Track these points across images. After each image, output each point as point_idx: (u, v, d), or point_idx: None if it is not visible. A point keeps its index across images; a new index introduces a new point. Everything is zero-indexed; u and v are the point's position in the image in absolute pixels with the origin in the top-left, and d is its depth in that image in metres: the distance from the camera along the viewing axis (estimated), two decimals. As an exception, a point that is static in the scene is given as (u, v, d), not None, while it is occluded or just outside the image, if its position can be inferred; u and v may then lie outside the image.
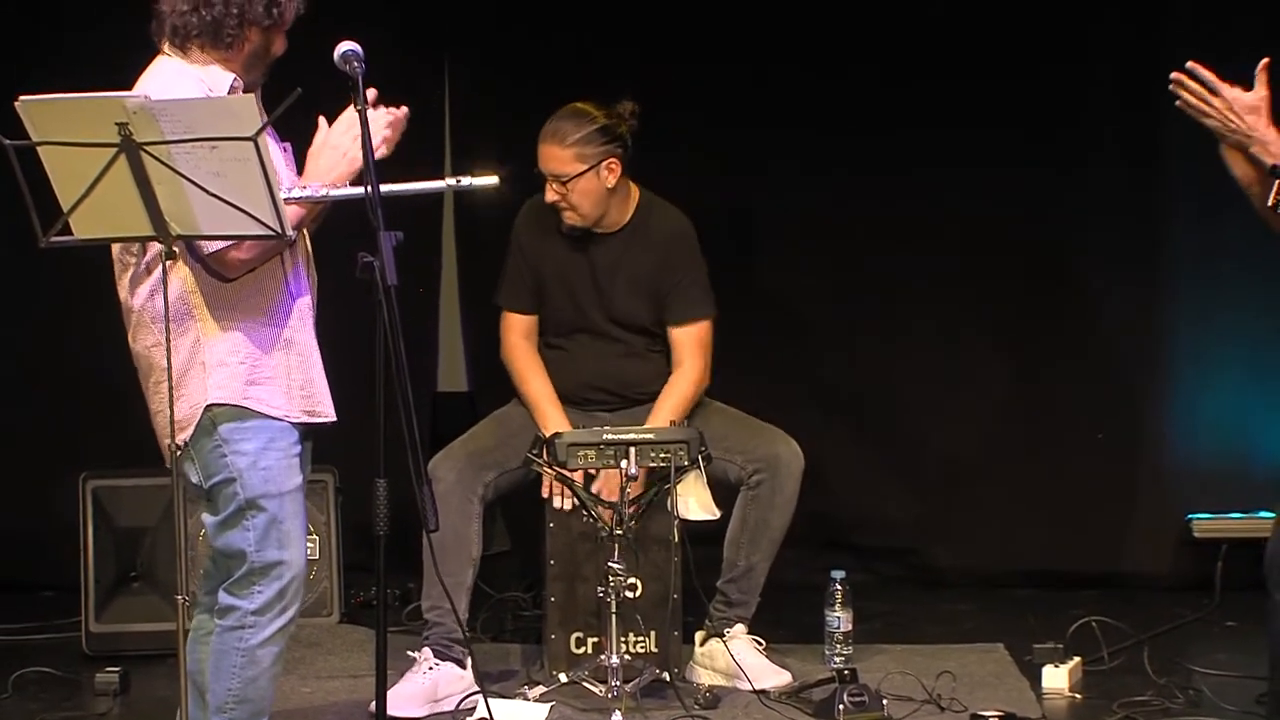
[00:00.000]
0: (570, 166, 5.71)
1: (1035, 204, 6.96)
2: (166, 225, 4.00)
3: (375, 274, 4.07)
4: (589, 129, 5.71)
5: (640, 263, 5.87)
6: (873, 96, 6.91)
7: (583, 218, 5.79)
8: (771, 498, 5.77)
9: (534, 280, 5.91)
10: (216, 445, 4.28)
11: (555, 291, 5.90)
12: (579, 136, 5.70)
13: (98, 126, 3.88)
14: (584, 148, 5.70)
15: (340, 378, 4.48)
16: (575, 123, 5.72)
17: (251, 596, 4.31)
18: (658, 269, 5.87)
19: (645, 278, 5.87)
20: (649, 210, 5.89)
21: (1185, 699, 5.51)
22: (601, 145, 5.72)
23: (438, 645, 5.61)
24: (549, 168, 5.74)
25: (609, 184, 5.75)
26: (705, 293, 5.91)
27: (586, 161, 5.71)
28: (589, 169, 5.71)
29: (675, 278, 5.87)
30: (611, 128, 5.75)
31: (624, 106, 5.79)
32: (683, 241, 5.90)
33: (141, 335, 4.34)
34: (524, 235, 5.93)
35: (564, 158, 5.71)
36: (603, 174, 5.73)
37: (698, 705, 5.47)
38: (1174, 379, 7.01)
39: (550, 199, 5.76)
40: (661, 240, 5.88)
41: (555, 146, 5.72)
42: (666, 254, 5.87)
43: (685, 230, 5.92)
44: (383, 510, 4.22)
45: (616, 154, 5.74)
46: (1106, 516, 6.98)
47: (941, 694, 5.49)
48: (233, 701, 4.35)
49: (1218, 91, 4.63)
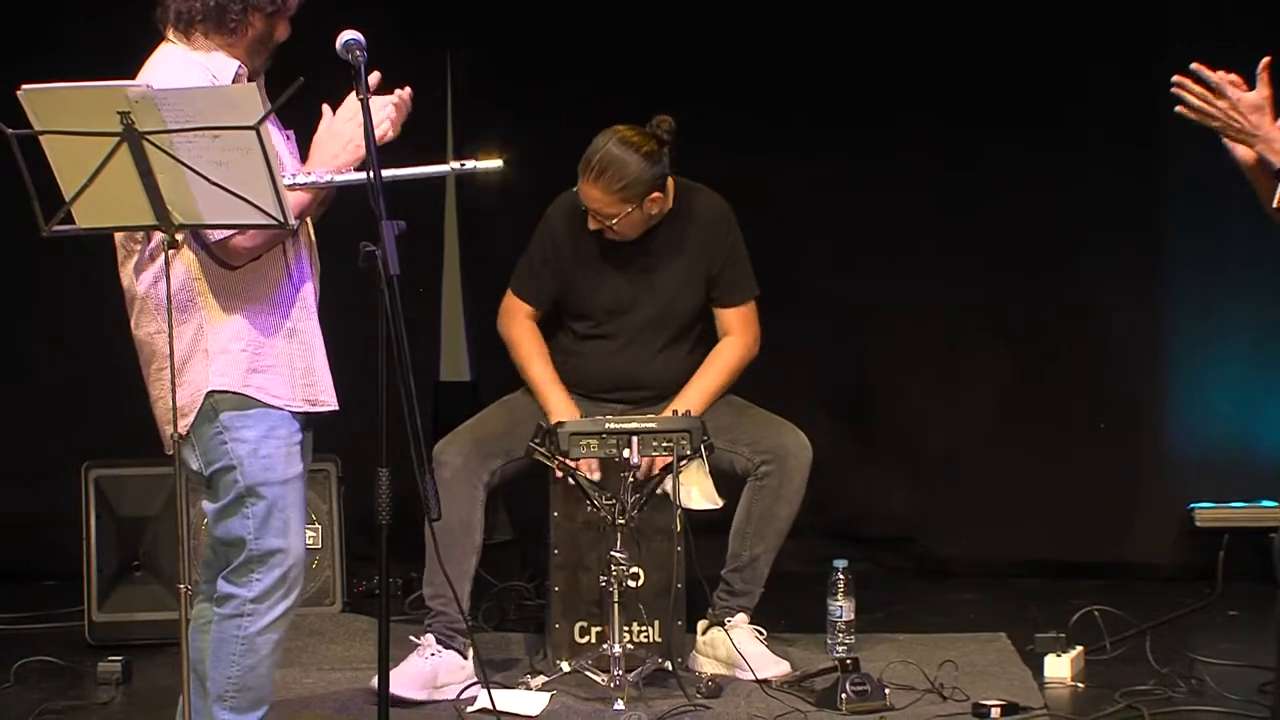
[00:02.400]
0: (615, 209, 5.64)
1: (1037, 196, 6.97)
2: (169, 214, 3.99)
3: (377, 263, 4.07)
4: (633, 174, 5.58)
5: (689, 249, 5.84)
6: (875, 88, 6.91)
7: (628, 237, 5.76)
8: (778, 489, 5.76)
9: (556, 277, 5.85)
10: (217, 432, 4.28)
11: (591, 287, 5.84)
12: (625, 183, 5.59)
13: (100, 116, 3.88)
14: (630, 190, 5.61)
15: (342, 366, 4.48)
16: (620, 166, 5.58)
17: (250, 584, 4.31)
18: (705, 251, 5.85)
19: (694, 265, 5.85)
20: (689, 196, 5.85)
21: (1187, 688, 5.50)
22: (648, 185, 5.62)
23: (441, 634, 5.61)
24: (592, 206, 5.66)
25: (653, 212, 5.71)
26: (749, 274, 5.93)
27: (632, 203, 5.64)
28: (634, 208, 5.66)
29: (723, 259, 5.87)
30: (654, 159, 5.62)
31: (660, 124, 5.66)
32: (725, 225, 5.89)
33: (144, 322, 4.33)
34: (559, 230, 5.83)
35: (609, 201, 5.63)
36: (646, 207, 5.68)
37: (700, 694, 5.47)
38: (1176, 368, 7.01)
39: (593, 227, 5.71)
40: (705, 224, 5.86)
41: (599, 191, 5.62)
42: (713, 237, 5.86)
43: (727, 213, 5.90)
44: (385, 499, 4.22)
45: (660, 185, 5.67)
46: (1109, 506, 6.99)
47: (944, 683, 5.49)
48: (233, 689, 4.35)
49: (1222, 92, 4.61)
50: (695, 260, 5.86)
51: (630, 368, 5.88)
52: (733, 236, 5.90)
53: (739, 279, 5.91)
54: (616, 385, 5.89)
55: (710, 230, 5.87)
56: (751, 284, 5.93)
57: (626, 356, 5.88)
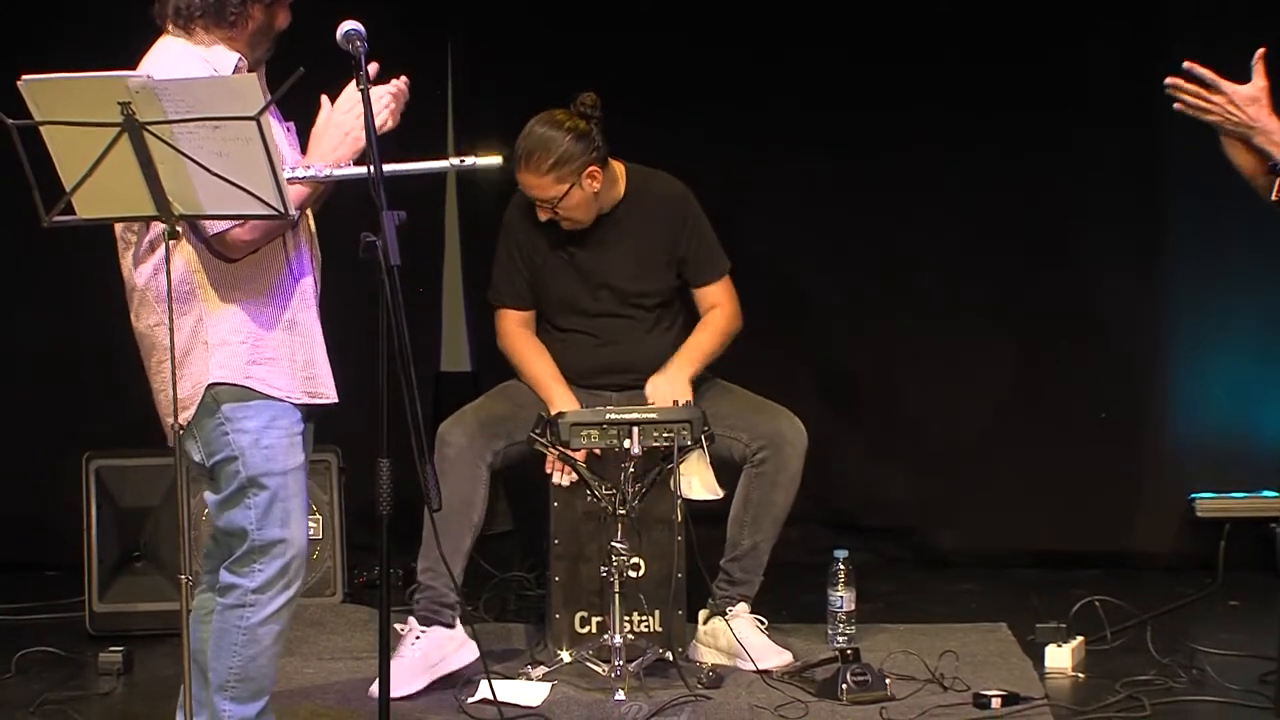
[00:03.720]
0: (553, 190, 5.68)
1: (1036, 183, 6.96)
2: (169, 205, 3.99)
3: (378, 254, 4.07)
4: (560, 150, 5.64)
5: (647, 232, 5.86)
6: (875, 75, 6.91)
7: (580, 222, 5.79)
8: (775, 476, 5.77)
9: (529, 272, 5.88)
10: (219, 424, 4.28)
11: (557, 278, 5.88)
12: (553, 160, 5.63)
13: (100, 106, 3.88)
14: (561, 169, 5.65)
15: (343, 358, 4.49)
16: (545, 145, 5.64)
17: (252, 574, 4.32)
18: (667, 234, 5.87)
19: (655, 245, 5.86)
20: (642, 181, 5.88)
21: (1188, 678, 5.50)
22: (577, 159, 5.66)
23: (425, 611, 5.60)
24: (532, 194, 5.71)
25: (594, 190, 5.72)
26: (718, 249, 5.93)
27: (567, 180, 5.67)
28: (571, 186, 5.68)
29: (688, 240, 5.88)
30: (581, 134, 5.67)
31: (584, 101, 5.72)
32: (684, 203, 5.91)
33: (144, 314, 4.34)
34: (517, 228, 5.89)
35: (544, 184, 5.67)
36: (586, 184, 5.70)
37: (700, 684, 5.47)
38: (1177, 358, 7.01)
39: (543, 218, 5.75)
40: (662, 206, 5.87)
41: (533, 175, 5.67)
42: (671, 218, 5.87)
43: (683, 192, 5.92)
44: (385, 490, 4.22)
45: (593, 159, 5.69)
46: (1109, 496, 6.98)
47: (944, 673, 5.49)
48: (234, 680, 4.35)
49: (1217, 88, 4.62)
50: (656, 242, 5.87)
51: (614, 355, 5.89)
52: (693, 215, 5.91)
53: (708, 256, 5.92)
54: (604, 370, 5.89)
55: (668, 210, 5.88)
56: (722, 259, 5.95)
57: (607, 344, 5.89)
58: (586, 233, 5.84)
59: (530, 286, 5.90)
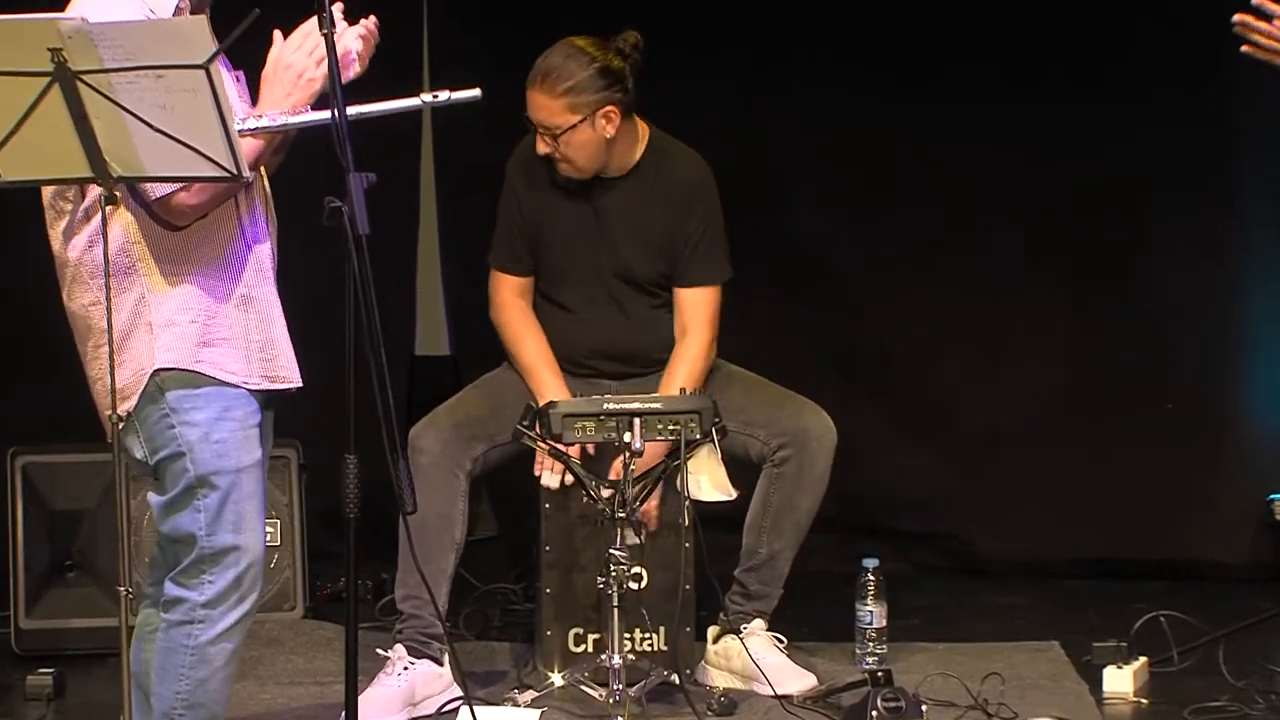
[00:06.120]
0: (562, 118, 5.67)
1: (1088, 146, 6.97)
2: (106, 166, 3.99)
3: (344, 220, 4.06)
4: (582, 74, 5.65)
5: (651, 214, 5.85)
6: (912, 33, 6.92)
7: (579, 171, 5.78)
8: (798, 477, 5.77)
9: (529, 235, 5.88)
10: (164, 415, 4.27)
11: (554, 245, 5.88)
12: (571, 84, 5.64)
13: (27, 53, 3.87)
14: (577, 96, 5.65)
15: (305, 340, 4.48)
16: (566, 67, 5.66)
17: (202, 587, 4.31)
18: (671, 221, 5.85)
19: (657, 230, 5.86)
20: (662, 153, 5.87)
21: (1265, 704, 5.52)
22: (598, 92, 5.66)
23: (412, 641, 5.62)
24: (538, 117, 5.70)
25: (607, 134, 5.72)
26: (722, 253, 5.90)
27: (580, 112, 5.67)
28: (583, 120, 5.67)
29: (691, 234, 5.86)
30: (610, 68, 5.68)
31: (625, 39, 5.73)
32: (700, 191, 5.89)
33: (78, 292, 4.33)
34: (518, 183, 5.90)
35: (554, 108, 5.67)
36: (599, 124, 5.69)
37: (711, 711, 5.49)
38: (1252, 342, 7.02)
39: (542, 151, 5.74)
40: (676, 189, 5.86)
41: (544, 95, 5.67)
42: (681, 205, 5.86)
43: (703, 179, 5.90)
44: (353, 490, 4.22)
45: (615, 100, 5.68)
46: (1175, 496, 7.00)
47: (989, 699, 5.51)
48: (181, 706, 4.35)
49: None
50: (657, 222, 5.85)
51: (613, 338, 5.89)
52: (705, 206, 5.88)
53: (707, 255, 5.87)
54: (601, 355, 5.89)
55: (682, 192, 5.86)
56: (724, 266, 5.90)
57: (606, 324, 5.89)
58: (589, 200, 5.84)
59: (530, 249, 5.89)
